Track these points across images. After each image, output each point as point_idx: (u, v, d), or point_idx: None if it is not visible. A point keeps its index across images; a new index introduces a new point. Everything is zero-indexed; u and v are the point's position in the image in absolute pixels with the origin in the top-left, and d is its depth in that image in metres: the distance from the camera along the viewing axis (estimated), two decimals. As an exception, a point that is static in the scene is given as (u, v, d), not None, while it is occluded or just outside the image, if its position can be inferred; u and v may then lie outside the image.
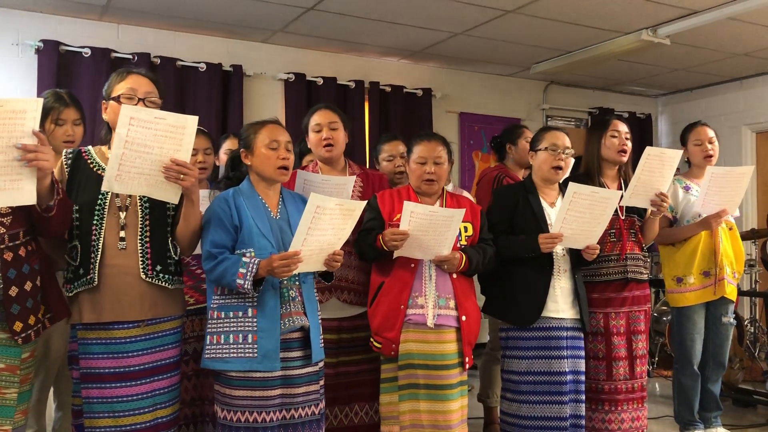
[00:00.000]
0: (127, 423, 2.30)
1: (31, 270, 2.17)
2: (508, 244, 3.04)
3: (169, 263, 2.41)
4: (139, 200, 2.37)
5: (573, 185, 2.91)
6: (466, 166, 6.67)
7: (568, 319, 3.05)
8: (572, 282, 3.09)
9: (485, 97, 6.77)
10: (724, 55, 6.06)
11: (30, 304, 2.15)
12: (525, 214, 3.08)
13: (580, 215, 2.93)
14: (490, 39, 5.62)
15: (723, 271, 3.58)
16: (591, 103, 7.34)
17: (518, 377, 3.03)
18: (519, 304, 3.03)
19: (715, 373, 3.73)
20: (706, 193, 3.45)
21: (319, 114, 3.09)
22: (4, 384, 2.13)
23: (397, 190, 2.98)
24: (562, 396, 2.98)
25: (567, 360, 3.01)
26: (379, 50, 6.02)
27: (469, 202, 3.05)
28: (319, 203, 2.29)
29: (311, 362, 2.51)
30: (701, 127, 3.71)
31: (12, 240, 2.13)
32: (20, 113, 1.93)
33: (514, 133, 3.96)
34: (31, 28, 4.96)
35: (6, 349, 2.13)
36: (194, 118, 2.23)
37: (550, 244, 2.95)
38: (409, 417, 2.75)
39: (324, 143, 3.05)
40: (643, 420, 3.32)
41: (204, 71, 5.45)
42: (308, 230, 2.31)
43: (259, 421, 2.39)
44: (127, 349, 2.32)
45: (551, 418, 2.96)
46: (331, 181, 2.98)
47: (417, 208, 2.65)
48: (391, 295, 2.79)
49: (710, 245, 3.58)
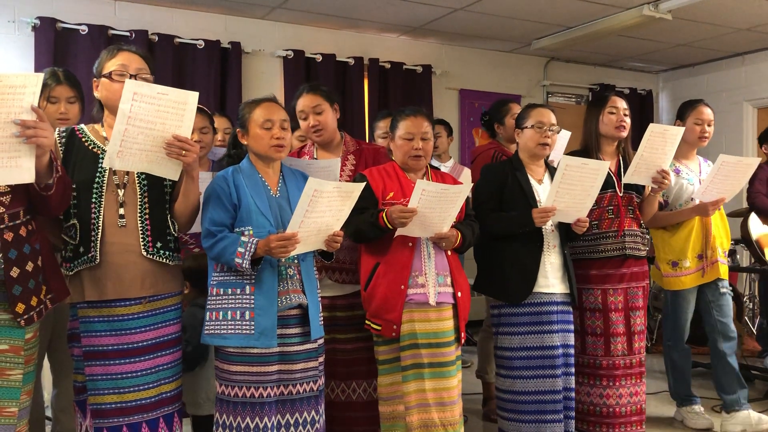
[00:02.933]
0: (132, 399, 2.32)
1: (32, 250, 2.15)
2: (499, 221, 3.05)
3: (169, 240, 2.42)
4: (137, 177, 2.36)
5: (565, 158, 2.92)
6: (467, 143, 6.65)
7: (558, 293, 3.07)
8: (562, 257, 3.10)
9: (485, 74, 6.74)
10: (726, 30, 6.00)
11: (32, 285, 2.13)
12: (514, 191, 3.08)
13: (572, 188, 2.94)
14: (490, 15, 5.57)
15: (716, 254, 3.57)
16: (592, 80, 7.30)
17: (511, 353, 3.05)
18: (510, 281, 3.04)
19: (730, 347, 3.65)
20: (712, 180, 3.41)
21: (302, 100, 3.06)
22: (9, 365, 2.11)
23: (383, 166, 2.95)
24: (554, 370, 3.00)
25: (557, 334, 3.03)
26: (378, 26, 5.97)
27: (451, 179, 3.05)
28: (316, 186, 2.30)
29: (310, 339, 2.52)
30: (704, 106, 3.66)
31: (12, 219, 2.10)
32: (20, 88, 1.89)
33: (500, 111, 3.91)
34: (27, 5, 4.92)
35: (9, 330, 2.11)
36: (195, 94, 2.21)
37: (544, 218, 2.96)
38: (415, 397, 2.75)
39: (312, 130, 3.05)
40: (642, 395, 3.35)
41: (202, 48, 5.42)
42: (305, 213, 2.32)
43: (256, 396, 2.42)
44: (129, 326, 2.33)
45: (545, 392, 2.99)
46: (315, 165, 2.97)
47: (428, 186, 2.63)
48: (390, 276, 2.77)
49: (704, 228, 3.57)
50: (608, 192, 3.33)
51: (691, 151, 3.69)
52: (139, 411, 2.33)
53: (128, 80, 2.22)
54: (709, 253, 3.56)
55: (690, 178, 3.61)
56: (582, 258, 3.32)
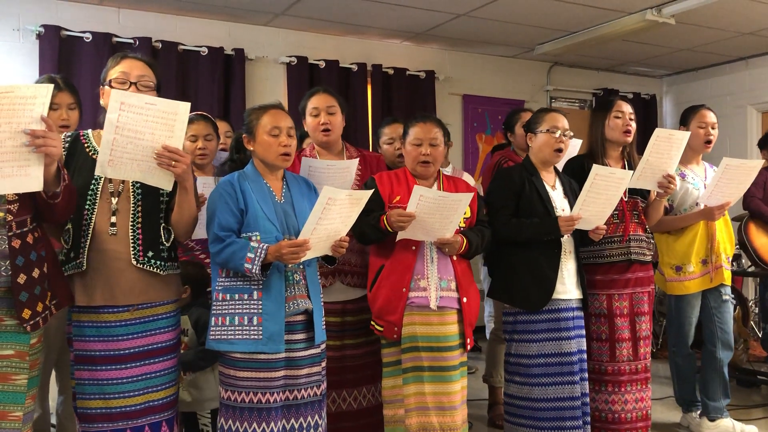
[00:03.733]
0: (117, 405, 2.32)
1: (39, 257, 2.17)
2: (521, 228, 3.01)
3: (162, 249, 2.40)
4: (132, 186, 2.36)
5: (596, 167, 2.91)
6: (470, 148, 6.64)
7: (574, 299, 3.07)
8: (576, 263, 3.10)
9: (489, 79, 6.73)
10: (729, 35, 6.00)
11: (38, 291, 2.15)
12: (531, 197, 3.06)
13: (597, 196, 2.94)
14: (493, 20, 5.58)
15: (720, 259, 3.56)
16: (595, 84, 7.30)
17: (528, 360, 3.03)
18: (528, 288, 3.02)
19: (727, 356, 3.66)
20: (717, 184, 3.41)
21: (317, 98, 3.08)
22: (14, 370, 2.13)
23: (394, 172, 2.97)
24: (573, 376, 2.99)
25: (574, 340, 3.03)
26: (381, 32, 5.98)
27: (465, 185, 3.05)
28: (330, 195, 2.31)
29: (314, 344, 2.53)
30: (706, 110, 3.66)
31: (19, 227, 2.12)
32: (30, 99, 1.93)
33: (511, 120, 3.98)
34: (31, 14, 4.95)
35: (15, 335, 2.13)
36: (186, 104, 2.20)
37: (571, 227, 2.95)
38: (414, 400, 2.75)
39: (321, 128, 3.05)
40: (647, 401, 3.33)
41: (206, 55, 5.43)
42: (318, 220, 2.34)
43: (263, 401, 2.42)
44: (117, 332, 2.33)
45: (564, 398, 2.97)
46: (335, 166, 2.99)
47: (426, 192, 2.64)
48: (393, 278, 2.78)
49: (708, 233, 3.56)
50: (613, 197, 3.31)
51: (696, 156, 3.68)
52: (124, 418, 2.32)
53: (114, 90, 2.23)
54: (714, 258, 3.55)
55: (695, 182, 3.60)
56: (587, 263, 3.30)
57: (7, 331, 2.12)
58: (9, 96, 1.90)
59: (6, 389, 2.12)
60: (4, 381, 2.11)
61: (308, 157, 3.04)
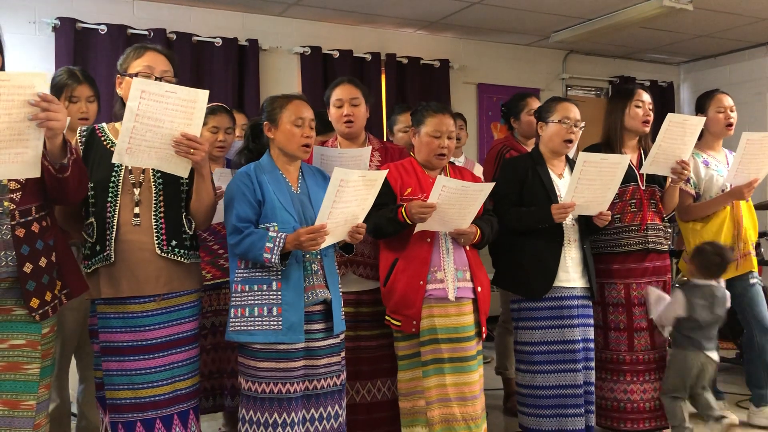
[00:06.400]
0: (146, 395, 2.34)
1: (46, 246, 2.16)
2: (519, 217, 3.03)
3: (185, 238, 2.42)
4: (152, 177, 2.37)
5: (583, 154, 2.89)
6: (485, 138, 6.60)
7: (578, 288, 3.06)
8: (581, 251, 3.09)
9: (504, 68, 6.68)
10: (748, 20, 5.91)
11: (46, 281, 2.16)
12: (534, 186, 3.06)
13: (591, 183, 2.92)
14: (507, 8, 5.53)
15: (747, 245, 3.52)
16: (611, 72, 7.22)
17: (531, 348, 3.05)
18: (530, 276, 3.03)
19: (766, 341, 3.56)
20: (741, 161, 3.36)
21: (341, 89, 3.07)
22: (26, 360, 2.15)
23: (401, 162, 2.95)
24: (575, 364, 2.99)
25: (578, 328, 3.02)
26: (395, 21, 5.95)
27: (470, 174, 3.04)
28: (342, 176, 2.31)
29: (333, 334, 2.54)
30: (722, 94, 3.63)
31: (23, 216, 2.11)
32: (28, 88, 1.91)
33: (517, 106, 3.86)
34: (47, 6, 4.96)
35: (25, 325, 2.14)
36: (205, 92, 2.21)
37: (563, 214, 2.94)
38: (436, 392, 2.75)
39: (345, 119, 3.04)
40: (665, 390, 3.31)
41: (220, 46, 5.43)
42: (333, 203, 2.33)
43: (283, 392, 2.43)
44: (144, 323, 2.35)
45: (566, 386, 2.98)
46: (347, 154, 2.98)
47: (449, 183, 2.63)
48: (409, 271, 2.77)
49: (735, 220, 3.52)
50: (630, 185, 3.29)
51: (717, 142, 3.64)
52: (153, 407, 2.35)
53: (136, 78, 2.23)
54: (741, 245, 3.51)
55: (719, 169, 3.56)
56: (604, 252, 3.29)
57: (17, 321, 2.13)
58: (6, 85, 1.88)
59: (18, 378, 2.13)
60: (16, 370, 2.13)
61: (319, 146, 3.03)
